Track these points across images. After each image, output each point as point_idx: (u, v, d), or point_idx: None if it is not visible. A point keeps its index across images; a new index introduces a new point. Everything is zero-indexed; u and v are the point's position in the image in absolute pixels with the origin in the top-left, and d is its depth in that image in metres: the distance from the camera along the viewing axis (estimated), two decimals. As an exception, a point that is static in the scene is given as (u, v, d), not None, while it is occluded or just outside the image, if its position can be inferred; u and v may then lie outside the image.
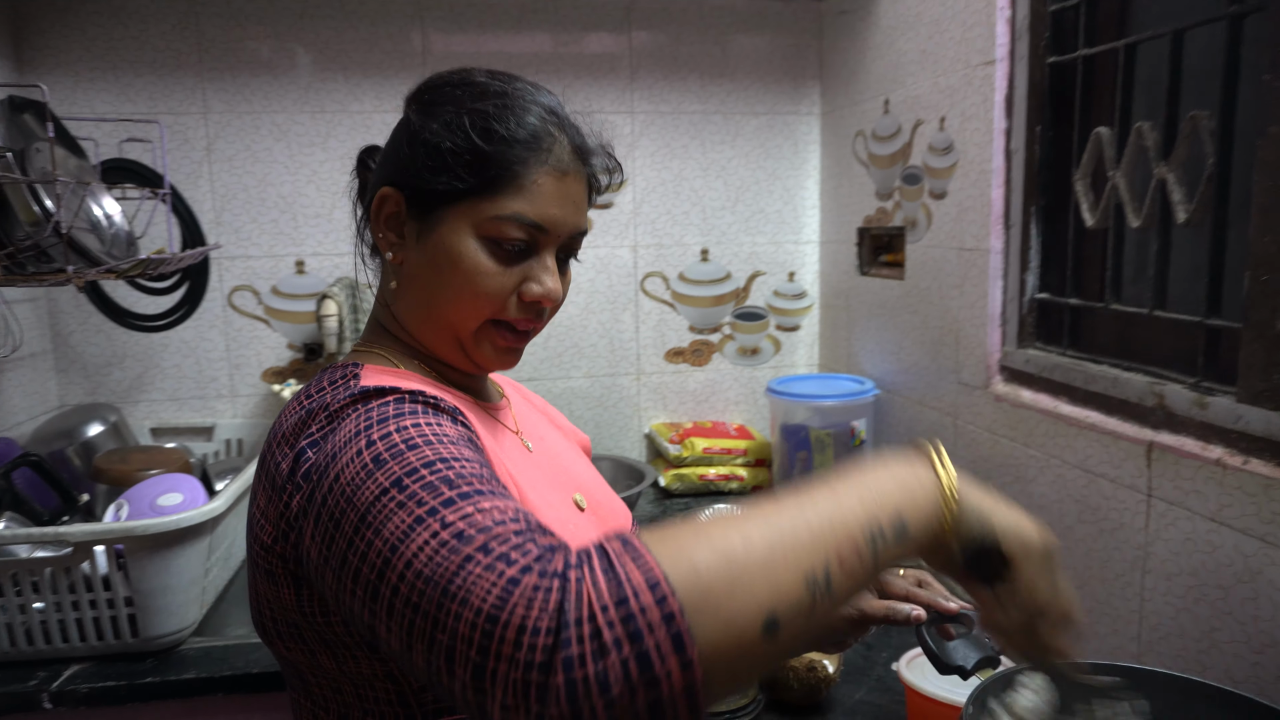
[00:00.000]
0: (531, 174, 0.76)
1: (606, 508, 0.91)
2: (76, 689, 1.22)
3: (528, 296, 0.78)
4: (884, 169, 1.82)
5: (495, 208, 0.76)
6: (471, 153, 0.75)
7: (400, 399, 0.68)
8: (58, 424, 1.68)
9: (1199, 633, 1.04)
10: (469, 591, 0.50)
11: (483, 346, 0.80)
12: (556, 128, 0.78)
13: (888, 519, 0.57)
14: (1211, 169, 1.05)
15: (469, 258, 0.76)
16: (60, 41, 1.81)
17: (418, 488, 0.57)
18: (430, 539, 0.53)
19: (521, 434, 0.89)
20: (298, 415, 0.71)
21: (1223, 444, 1.01)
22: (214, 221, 1.92)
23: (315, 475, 0.64)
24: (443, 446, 0.61)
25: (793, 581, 0.51)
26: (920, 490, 0.61)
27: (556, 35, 2.01)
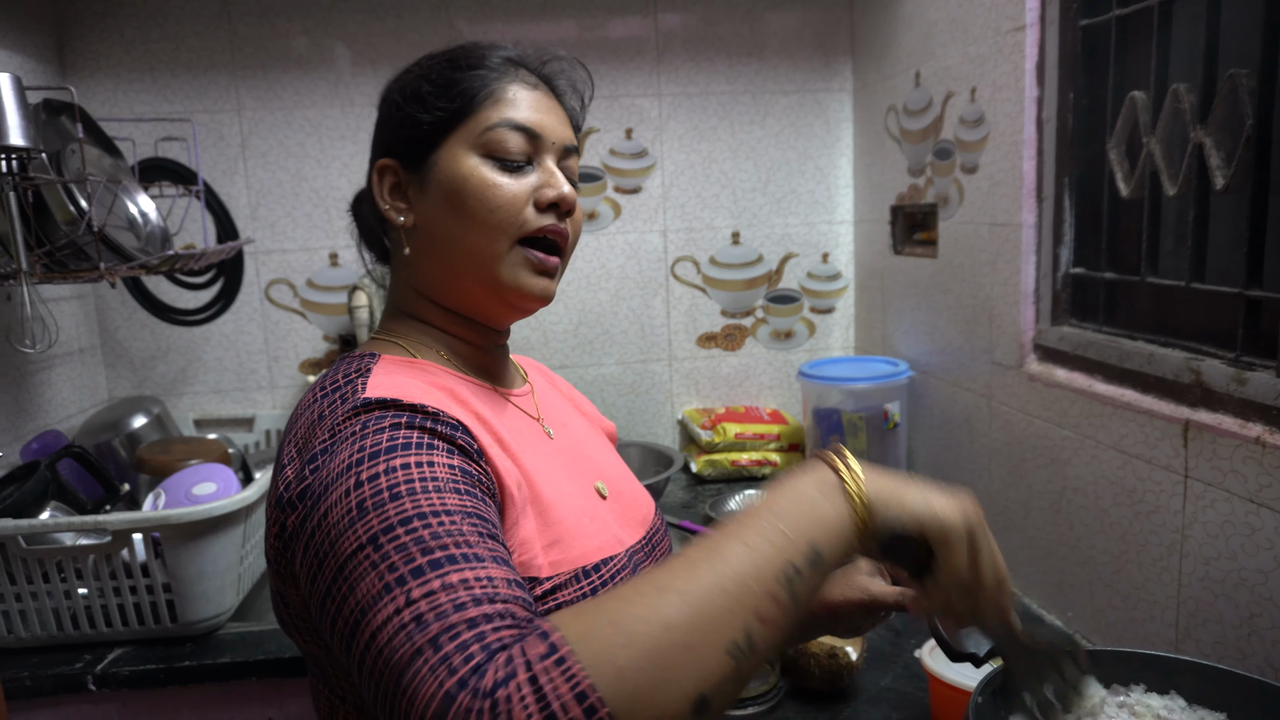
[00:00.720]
0: (507, 87, 0.79)
1: (629, 496, 0.90)
2: (119, 672, 1.26)
3: (544, 200, 0.78)
4: (916, 144, 1.77)
5: (484, 120, 0.77)
6: (446, 83, 0.78)
7: (397, 423, 0.67)
8: (104, 416, 1.73)
9: (1238, 619, 1.00)
10: (415, 693, 0.51)
11: (516, 275, 0.78)
12: (515, 59, 0.82)
13: (800, 555, 0.57)
14: (1250, 130, 0.99)
15: (475, 175, 0.77)
16: (100, 45, 1.87)
17: (391, 548, 0.58)
18: (393, 615, 0.55)
19: (543, 420, 0.88)
20: (309, 418, 0.72)
21: (1262, 421, 0.96)
22: (250, 217, 1.96)
23: (309, 502, 0.64)
24: (424, 498, 0.61)
25: (716, 657, 0.51)
26: (828, 507, 0.60)
27: (581, 20, 2.00)
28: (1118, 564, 1.20)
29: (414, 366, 0.78)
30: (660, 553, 0.88)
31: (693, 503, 1.85)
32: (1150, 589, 1.14)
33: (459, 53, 0.81)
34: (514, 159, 0.78)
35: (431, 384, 0.75)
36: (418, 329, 0.84)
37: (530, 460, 0.77)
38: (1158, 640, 1.13)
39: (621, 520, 0.84)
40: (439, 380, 0.77)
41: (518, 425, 0.82)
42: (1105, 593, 1.23)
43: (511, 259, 0.78)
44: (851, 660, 1.15)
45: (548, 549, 0.72)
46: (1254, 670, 0.96)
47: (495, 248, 0.77)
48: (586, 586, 0.72)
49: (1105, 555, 1.23)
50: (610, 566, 0.75)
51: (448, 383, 0.77)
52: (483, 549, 0.59)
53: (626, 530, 0.83)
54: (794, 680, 1.18)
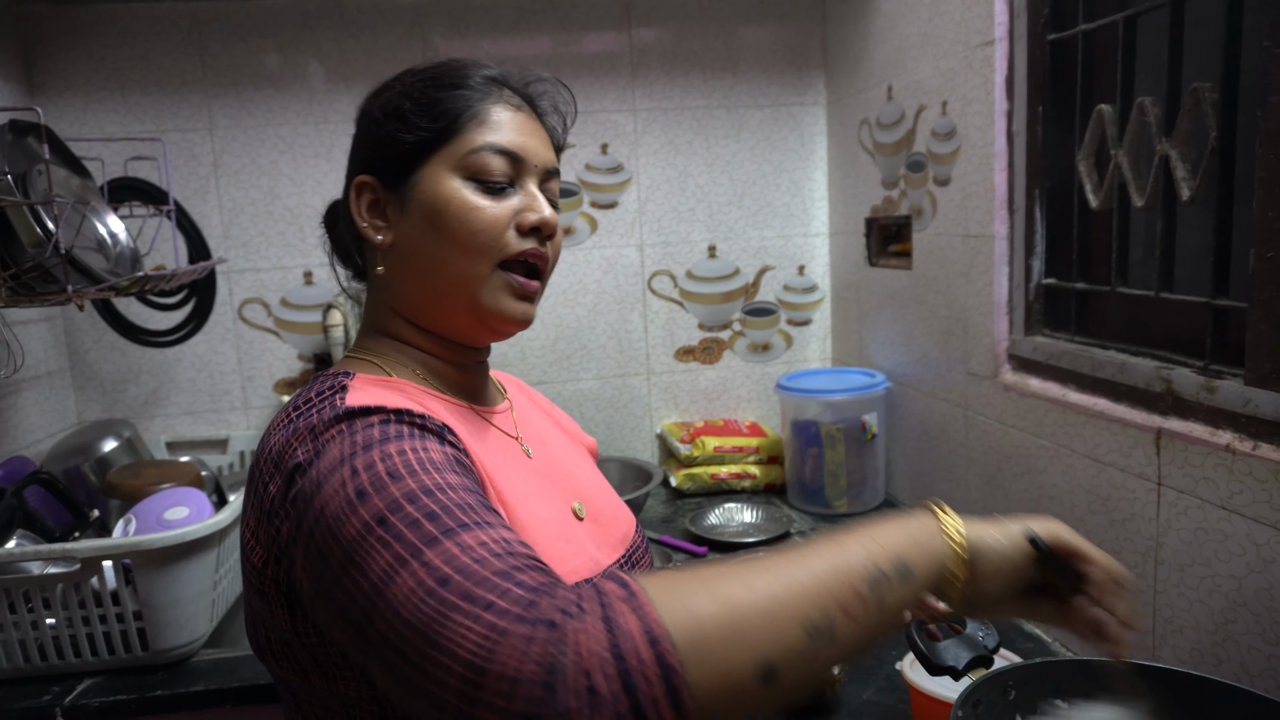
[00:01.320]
0: (489, 108, 0.78)
1: (609, 515, 0.89)
2: (88, 703, 1.23)
3: (525, 224, 0.78)
4: (889, 157, 1.78)
5: (467, 143, 0.77)
6: (429, 103, 0.77)
7: (385, 420, 0.66)
8: (73, 441, 1.70)
9: (1213, 625, 1.00)
10: (454, 642, 0.49)
11: (496, 299, 0.78)
12: (499, 79, 0.82)
13: (888, 562, 0.57)
14: (1214, 143, 1.01)
15: (456, 198, 0.76)
16: (69, 64, 1.84)
17: (401, 524, 0.56)
18: (414, 584, 0.52)
19: (521, 439, 0.87)
20: (284, 434, 0.70)
21: (1232, 429, 0.97)
22: (223, 236, 1.94)
23: (302, 504, 0.63)
24: (427, 475, 0.60)
25: (793, 630, 0.50)
26: (923, 533, 0.62)
27: (556, 36, 2.00)
28: (1095, 572, 1.21)
29: (389, 385, 0.77)
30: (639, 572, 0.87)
31: (672, 517, 1.84)
32: (1127, 597, 1.15)
33: (441, 70, 0.80)
34: (496, 181, 0.77)
35: (410, 403, 0.74)
36: (394, 347, 0.83)
37: (506, 483, 0.76)
38: (1135, 648, 1.13)
39: (599, 541, 0.83)
40: (415, 399, 0.76)
41: (495, 446, 0.82)
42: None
43: (493, 283, 0.78)
44: (834, 674, 1.14)
45: None
46: (1229, 676, 0.97)
47: (476, 271, 0.77)
48: None
49: (1082, 564, 1.23)
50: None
51: (424, 401, 0.76)
52: (491, 517, 0.58)
53: (604, 551, 0.83)
54: (776, 696, 1.17)
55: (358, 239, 0.84)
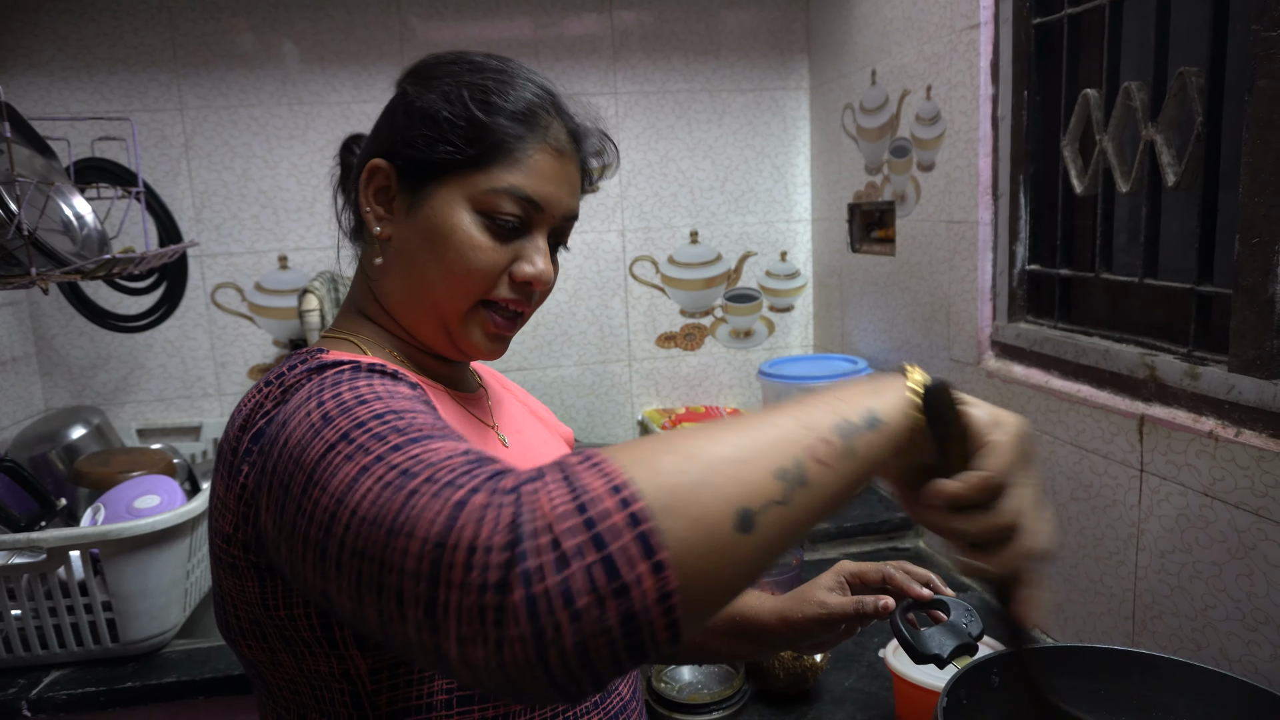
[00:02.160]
0: (529, 150, 0.74)
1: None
2: (56, 696, 1.21)
3: (519, 276, 0.76)
4: (872, 142, 1.77)
5: (490, 180, 0.74)
6: (469, 122, 0.74)
7: (356, 367, 0.65)
8: (40, 428, 1.66)
9: (1193, 611, 1.01)
10: (414, 523, 0.46)
11: (472, 332, 0.77)
12: (553, 107, 0.77)
13: (855, 413, 0.54)
14: (1200, 128, 1.00)
15: (461, 231, 0.74)
16: (32, 41, 1.79)
17: (366, 438, 0.53)
18: (375, 484, 0.50)
19: (498, 428, 0.86)
20: (255, 399, 0.68)
21: (1215, 415, 0.97)
22: (194, 219, 1.90)
23: (267, 444, 0.61)
24: (394, 400, 0.58)
25: (763, 476, 0.48)
26: (888, 389, 0.57)
27: (536, 18, 1.97)
28: (1075, 558, 1.21)
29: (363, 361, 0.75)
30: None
31: (654, 505, 1.83)
32: (1107, 583, 1.15)
33: (495, 83, 0.75)
34: (506, 221, 0.75)
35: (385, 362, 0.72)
36: (372, 330, 0.81)
37: None
38: (1115, 634, 1.14)
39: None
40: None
41: (469, 431, 0.80)
42: (1064, 587, 1.24)
43: (471, 318, 0.77)
44: (816, 662, 1.14)
45: None
46: (1209, 662, 0.97)
47: (458, 305, 0.76)
48: None
49: (1064, 550, 1.23)
50: None
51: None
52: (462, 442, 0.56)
53: None
54: (758, 683, 1.17)
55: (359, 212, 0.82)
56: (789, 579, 1.27)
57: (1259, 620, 0.92)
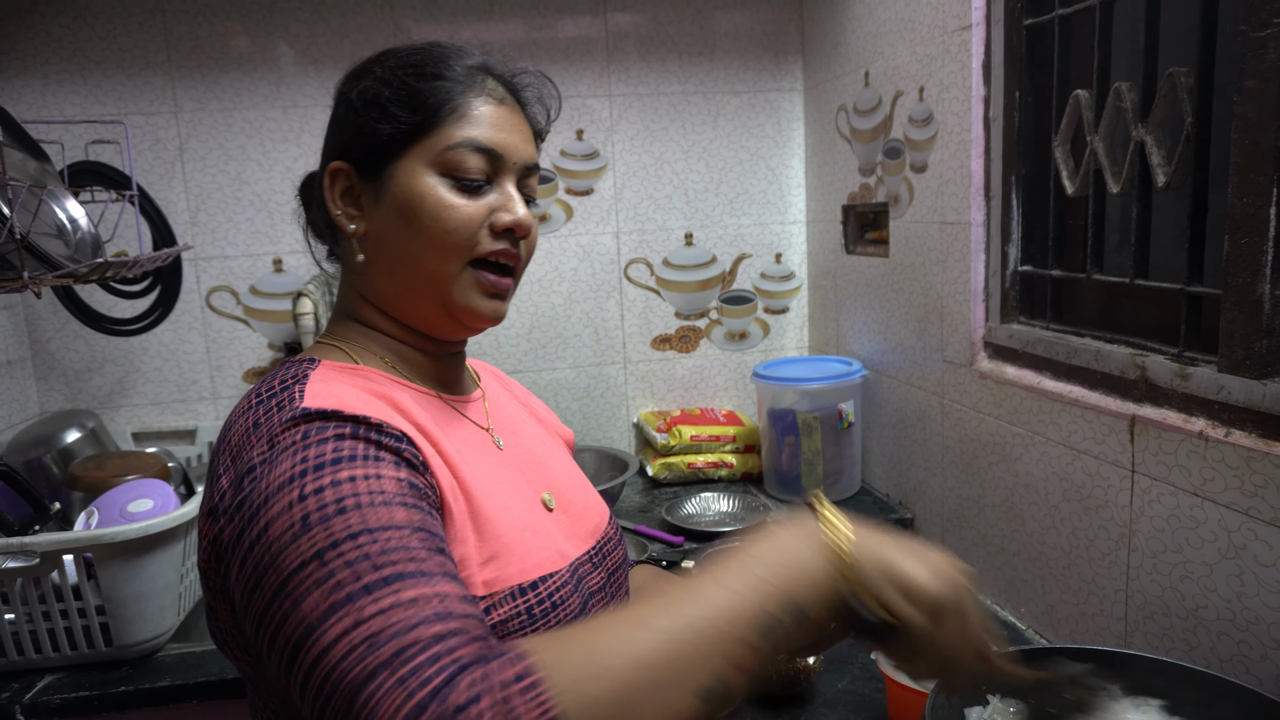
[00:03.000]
0: (471, 102, 0.76)
1: (579, 506, 0.87)
2: (49, 700, 1.21)
3: (499, 225, 0.76)
4: (866, 144, 1.77)
5: (445, 139, 0.75)
6: (408, 92, 0.75)
7: (340, 434, 0.64)
8: (35, 431, 1.66)
9: (1185, 611, 1.01)
10: (373, 712, 0.50)
11: (468, 296, 0.77)
12: (482, 68, 0.79)
13: (782, 608, 0.56)
14: (1190, 129, 1.00)
15: (431, 195, 0.74)
16: (26, 44, 1.79)
17: (339, 564, 0.56)
18: (344, 635, 0.53)
19: (493, 430, 0.86)
20: (244, 424, 0.68)
21: (1205, 416, 0.97)
22: (189, 222, 1.90)
23: (248, 514, 0.61)
24: (372, 512, 0.59)
25: (685, 699, 0.51)
26: (809, 558, 0.59)
27: (530, 20, 1.97)
28: (1068, 559, 1.21)
29: (355, 373, 0.75)
30: (611, 563, 0.86)
31: (649, 506, 1.83)
32: (1100, 583, 1.15)
33: (423, 57, 0.77)
34: (473, 179, 0.75)
35: (372, 392, 0.72)
36: (363, 334, 0.81)
37: (472, 473, 0.74)
38: (1108, 635, 1.14)
39: (568, 532, 0.82)
40: (380, 388, 0.74)
41: (463, 436, 0.80)
42: (1057, 588, 1.24)
43: (463, 280, 0.76)
44: (809, 663, 1.14)
45: (484, 566, 0.70)
46: (1199, 662, 0.97)
47: (448, 269, 0.76)
48: (521, 605, 0.70)
49: (1056, 551, 1.23)
50: (549, 584, 0.73)
51: (389, 391, 0.74)
52: (433, 564, 0.58)
53: (573, 543, 0.81)
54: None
55: (330, 223, 0.82)
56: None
57: (1249, 620, 0.92)
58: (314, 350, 0.80)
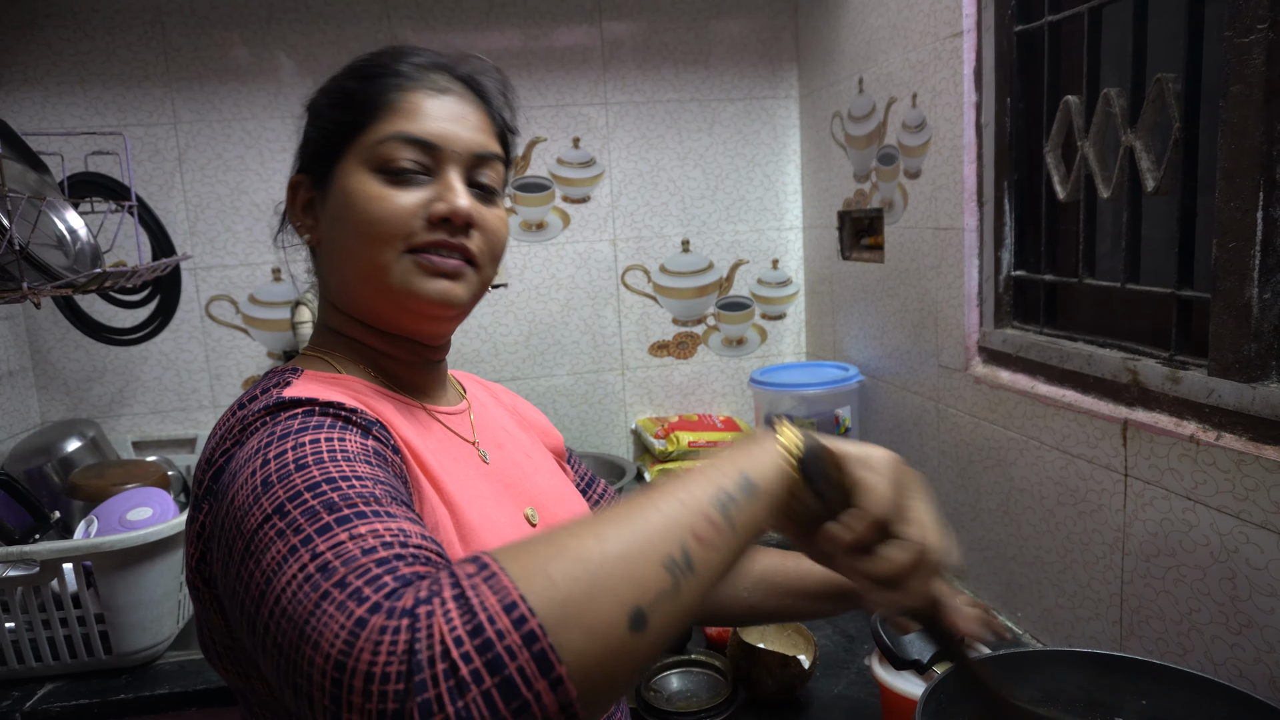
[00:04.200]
0: (406, 96, 0.75)
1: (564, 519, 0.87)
2: (49, 708, 1.21)
3: (433, 214, 0.74)
4: (861, 150, 1.78)
5: (376, 134, 0.74)
6: (343, 95, 0.77)
7: (310, 411, 0.65)
8: (36, 441, 1.67)
9: (1178, 615, 1.01)
10: (320, 635, 0.47)
11: (408, 279, 0.74)
12: (430, 64, 0.79)
13: (733, 483, 0.56)
14: (1178, 134, 1.01)
15: (361, 189, 0.74)
16: (26, 56, 1.80)
17: (298, 513, 0.55)
18: (297, 573, 0.51)
19: (478, 443, 0.85)
20: (222, 430, 0.69)
21: (1196, 419, 0.97)
22: (189, 232, 1.91)
23: (220, 493, 0.62)
24: (334, 465, 0.59)
25: (652, 570, 0.50)
26: (760, 450, 0.60)
27: (526, 30, 1.98)
28: (1063, 563, 1.21)
29: (338, 382, 0.75)
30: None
31: (648, 513, 1.83)
32: (1095, 587, 1.15)
33: (368, 60, 0.79)
34: (404, 170, 0.74)
35: (354, 399, 0.72)
36: (343, 345, 0.81)
37: (455, 483, 0.74)
38: (1103, 638, 1.14)
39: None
40: (363, 398, 0.74)
41: (446, 448, 0.79)
42: (1052, 592, 1.24)
43: (401, 266, 0.74)
44: (804, 668, 1.14)
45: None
46: (1194, 665, 0.97)
47: (382, 259, 0.73)
48: None
49: (1051, 555, 1.24)
50: None
51: (371, 400, 0.74)
52: (395, 508, 0.57)
53: None
54: (748, 690, 1.17)
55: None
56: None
57: (1242, 623, 0.93)
58: (297, 361, 0.80)
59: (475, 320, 2.05)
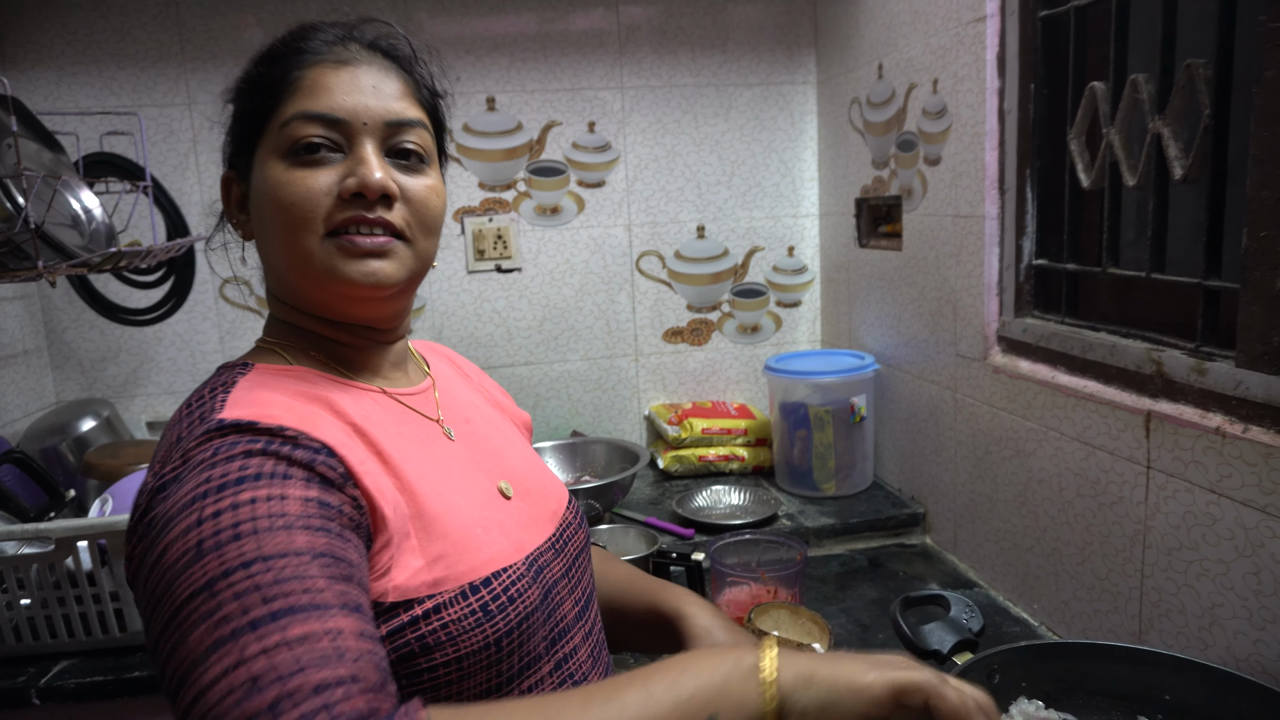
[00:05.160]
0: (307, 74, 0.72)
1: (537, 492, 0.85)
2: (65, 684, 1.22)
3: (345, 191, 0.70)
4: (879, 136, 1.76)
5: (281, 117, 0.72)
6: (250, 81, 0.75)
7: (250, 451, 0.61)
8: (50, 420, 1.68)
9: (1200, 609, 1.00)
10: None
11: (331, 263, 0.71)
12: (335, 38, 0.75)
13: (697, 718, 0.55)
14: (1208, 120, 0.99)
15: (273, 176, 0.71)
16: (41, 36, 1.80)
17: (228, 595, 0.53)
18: (224, 675, 0.50)
19: (443, 421, 0.82)
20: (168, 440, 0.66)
21: (1222, 411, 0.96)
22: (204, 213, 1.91)
23: (153, 533, 0.59)
24: (270, 537, 0.56)
25: None
26: (737, 684, 0.58)
27: (542, 13, 1.96)
28: (1082, 555, 1.20)
29: (289, 374, 0.73)
30: (574, 549, 0.83)
31: (660, 499, 1.83)
32: (1114, 580, 1.14)
33: (273, 43, 0.76)
34: (315, 149, 0.71)
35: (304, 395, 0.70)
36: (293, 333, 0.78)
37: (416, 470, 0.72)
38: (1122, 631, 1.13)
39: (528, 520, 0.80)
40: (314, 389, 0.72)
41: (408, 432, 0.76)
42: (1070, 584, 1.23)
43: (324, 250, 0.71)
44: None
45: (432, 565, 0.67)
46: (1215, 660, 0.96)
47: (304, 245, 0.70)
48: (475, 603, 0.68)
49: (1070, 547, 1.23)
50: (503, 579, 0.71)
51: (324, 391, 0.72)
52: (330, 595, 0.55)
53: (532, 531, 0.79)
54: (760, 679, 1.16)
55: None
56: (793, 574, 1.27)
57: (1266, 619, 0.91)
58: (250, 354, 0.77)
59: (488, 304, 2.05)
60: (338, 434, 0.67)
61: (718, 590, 1.29)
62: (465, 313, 2.04)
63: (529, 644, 0.71)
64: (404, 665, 0.64)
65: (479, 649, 0.67)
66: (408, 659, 0.64)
